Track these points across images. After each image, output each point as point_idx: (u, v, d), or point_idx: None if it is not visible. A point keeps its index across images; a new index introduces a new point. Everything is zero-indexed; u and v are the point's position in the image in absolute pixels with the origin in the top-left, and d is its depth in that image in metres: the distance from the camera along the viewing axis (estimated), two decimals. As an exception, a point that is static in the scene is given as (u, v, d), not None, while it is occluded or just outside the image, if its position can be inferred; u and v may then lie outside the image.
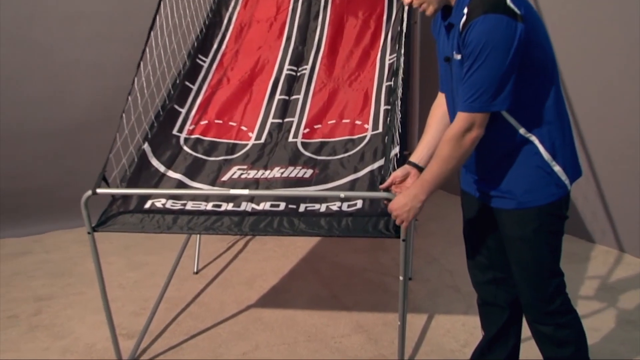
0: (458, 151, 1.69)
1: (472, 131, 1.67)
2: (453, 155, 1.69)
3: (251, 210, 2.24)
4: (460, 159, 1.71)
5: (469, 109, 1.65)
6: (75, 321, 2.98)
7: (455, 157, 1.70)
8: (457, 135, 1.67)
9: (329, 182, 2.40)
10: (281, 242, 3.88)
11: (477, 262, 2.05)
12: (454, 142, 1.68)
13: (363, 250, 3.70)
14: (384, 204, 2.08)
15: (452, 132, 1.69)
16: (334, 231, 2.10)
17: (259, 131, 2.80)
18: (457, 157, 1.70)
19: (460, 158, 1.71)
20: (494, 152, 1.77)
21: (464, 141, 1.68)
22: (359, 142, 2.63)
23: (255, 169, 2.53)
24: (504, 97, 1.62)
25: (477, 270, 2.07)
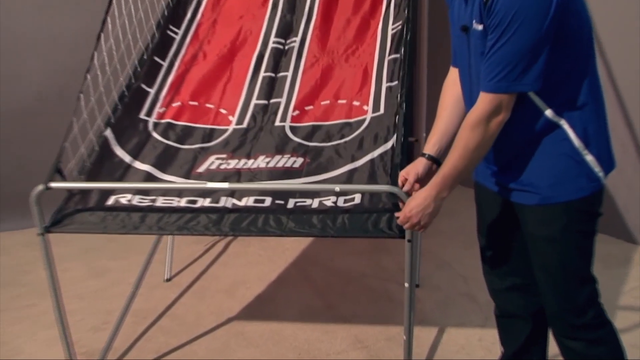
0: (483, 138, 1.68)
1: (499, 115, 1.66)
2: (477, 144, 1.69)
3: (232, 206, 2.24)
4: (486, 147, 1.71)
5: (494, 89, 1.64)
6: (24, 339, 2.97)
7: (480, 146, 1.69)
8: (481, 119, 1.67)
9: (322, 174, 2.39)
10: (267, 244, 3.89)
11: (494, 267, 2.06)
12: (478, 128, 1.67)
13: (362, 253, 3.71)
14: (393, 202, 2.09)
15: (475, 117, 1.69)
16: (328, 231, 2.10)
17: (240, 114, 2.80)
18: (482, 145, 1.70)
19: (485, 146, 1.71)
20: (514, 138, 1.77)
21: (490, 126, 1.67)
22: (357, 126, 2.63)
23: (237, 159, 2.53)
24: (535, 74, 1.61)
25: (495, 276, 2.08)
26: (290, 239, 3.89)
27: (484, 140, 1.69)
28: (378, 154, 2.43)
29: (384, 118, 2.60)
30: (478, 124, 1.68)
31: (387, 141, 2.45)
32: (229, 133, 2.71)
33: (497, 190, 1.91)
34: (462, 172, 1.74)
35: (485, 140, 1.69)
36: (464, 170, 1.74)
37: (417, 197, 1.85)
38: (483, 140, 1.69)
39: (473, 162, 1.73)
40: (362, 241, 3.74)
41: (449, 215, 4.16)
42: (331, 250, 3.75)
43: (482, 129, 1.67)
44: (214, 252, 3.83)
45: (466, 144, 1.70)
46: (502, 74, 1.62)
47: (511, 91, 1.64)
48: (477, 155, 1.72)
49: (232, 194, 2.31)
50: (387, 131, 2.51)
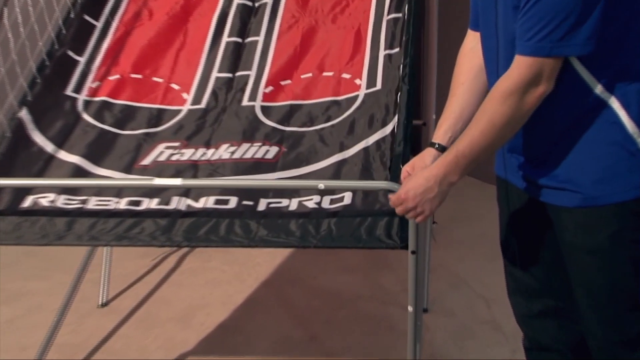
0: (515, 114, 1.66)
1: (538, 85, 1.65)
2: (506, 120, 1.67)
3: (186, 209, 2.24)
4: (516, 126, 1.70)
5: (534, 51, 1.63)
6: None
7: (509, 123, 1.67)
8: (516, 89, 1.65)
9: (303, 167, 2.39)
10: (232, 257, 3.89)
11: (522, 286, 2.07)
12: (510, 99, 1.65)
13: (355, 269, 3.72)
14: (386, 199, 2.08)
15: (507, 85, 1.67)
16: (310, 240, 2.09)
17: (197, 91, 2.80)
18: (513, 123, 1.68)
19: (516, 125, 1.69)
20: (551, 121, 1.76)
21: (525, 100, 1.66)
22: (348, 105, 2.63)
23: (193, 148, 2.52)
24: (588, 33, 1.60)
25: (523, 298, 2.08)
26: (262, 251, 3.88)
27: (515, 117, 1.67)
28: (374, 141, 2.43)
29: (381, 95, 2.60)
30: (510, 95, 1.66)
31: (386, 125, 2.45)
32: (182, 115, 2.71)
33: (526, 188, 1.91)
34: (481, 154, 1.73)
35: (517, 118, 1.68)
36: (483, 151, 1.72)
37: (419, 176, 1.82)
38: (514, 116, 1.67)
39: (496, 143, 1.72)
40: (354, 253, 3.75)
41: (465, 220, 4.19)
42: (315, 266, 3.76)
43: (515, 101, 1.66)
44: (163, 268, 3.83)
45: (491, 118, 1.69)
46: (545, 31, 1.60)
47: (556, 54, 1.62)
48: (503, 136, 1.71)
49: (187, 193, 2.30)
50: (386, 112, 2.51)
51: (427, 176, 1.79)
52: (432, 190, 1.79)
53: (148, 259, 3.89)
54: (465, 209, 4.24)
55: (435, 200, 1.80)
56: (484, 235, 3.91)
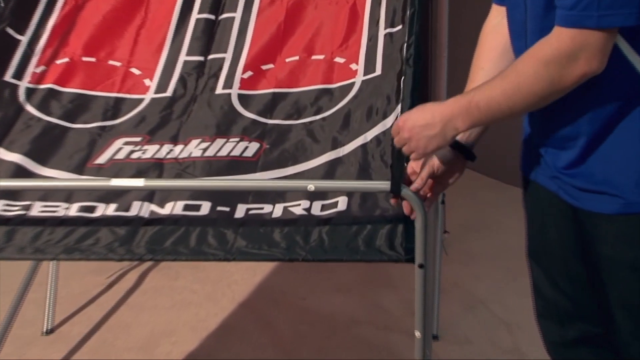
0: (547, 87, 1.66)
1: (580, 63, 1.65)
2: (536, 90, 1.67)
3: (149, 215, 2.24)
4: (543, 101, 1.69)
5: (578, 21, 1.62)
6: None
7: (538, 95, 1.67)
8: (555, 59, 1.64)
9: (289, 166, 2.40)
10: (204, 274, 3.89)
11: (553, 308, 2.07)
12: (548, 69, 1.65)
13: (351, 288, 3.73)
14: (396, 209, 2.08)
15: (545, 53, 1.66)
16: (298, 252, 2.09)
17: (162, 77, 2.81)
18: (541, 96, 1.67)
19: (544, 99, 1.68)
20: (588, 112, 1.77)
21: (564, 76, 1.65)
22: (342, 94, 2.64)
23: (157, 144, 2.53)
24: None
25: (554, 323, 2.09)
26: (240, 267, 3.89)
27: (545, 91, 1.67)
28: (373, 136, 2.43)
29: (382, 82, 2.61)
30: (547, 64, 1.66)
31: (387, 117, 2.45)
32: (144, 105, 2.71)
33: (558, 190, 1.90)
34: (495, 116, 1.75)
35: (547, 93, 1.67)
36: (498, 113, 1.74)
37: (426, 108, 1.85)
38: (544, 90, 1.66)
39: (515, 110, 1.72)
40: (350, 269, 3.75)
41: (483, 228, 4.19)
42: (303, 284, 3.76)
43: (551, 73, 1.65)
44: (121, 287, 3.82)
45: (519, 82, 1.70)
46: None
47: (606, 25, 1.62)
48: (525, 106, 1.72)
49: (151, 197, 2.30)
50: (387, 102, 2.51)
51: (434, 110, 1.82)
52: (434, 127, 1.81)
53: (103, 276, 3.88)
54: (482, 216, 4.25)
55: (433, 140, 1.82)
56: (505, 247, 3.92)
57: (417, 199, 1.98)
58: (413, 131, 1.84)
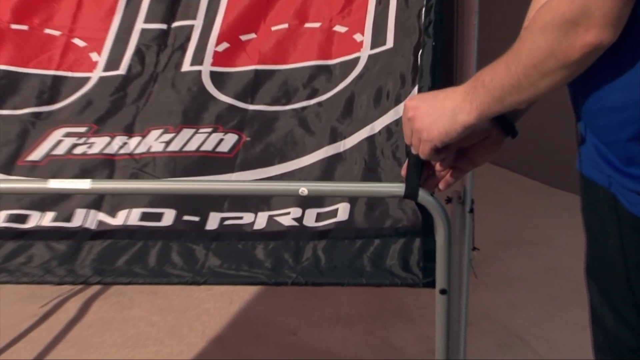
0: (547, 57, 1.69)
1: (584, 29, 1.66)
2: (534, 58, 1.71)
3: (97, 227, 2.24)
4: (548, 73, 1.71)
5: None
6: None
7: (538, 67, 1.70)
8: (552, 24, 1.68)
9: (275, 164, 2.41)
10: (167, 302, 3.90)
11: (613, 342, 2.06)
12: (544, 35, 1.69)
13: (353, 320, 3.74)
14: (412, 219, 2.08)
15: (543, 17, 1.71)
16: (287, 275, 2.09)
17: (114, 50, 2.82)
18: (542, 67, 1.69)
19: (547, 70, 1.70)
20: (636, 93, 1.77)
21: (566, 44, 1.67)
22: (343, 72, 2.66)
23: (107, 135, 2.53)
24: None
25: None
26: (212, 292, 3.90)
27: (545, 61, 1.69)
28: (383, 126, 2.44)
29: (394, 57, 2.62)
30: (543, 29, 1.71)
31: (400, 102, 2.45)
32: (91, 86, 2.72)
33: (615, 192, 1.91)
34: (503, 92, 1.78)
35: (553, 66, 1.69)
36: (504, 89, 1.77)
37: (421, 98, 1.91)
38: (543, 59, 1.70)
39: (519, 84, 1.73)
40: (352, 296, 3.75)
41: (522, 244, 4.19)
42: (294, 315, 3.77)
43: (548, 40, 1.69)
44: (60, 318, 3.82)
45: (517, 49, 1.75)
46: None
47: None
48: (530, 83, 1.73)
49: (99, 204, 2.30)
50: (401, 82, 2.52)
51: (436, 96, 1.88)
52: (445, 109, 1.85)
53: (36, 305, 3.88)
54: (523, 229, 4.26)
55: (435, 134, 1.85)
56: (551, 269, 3.93)
57: (439, 206, 1.98)
58: (417, 110, 1.88)
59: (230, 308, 3.82)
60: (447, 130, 1.84)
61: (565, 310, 3.58)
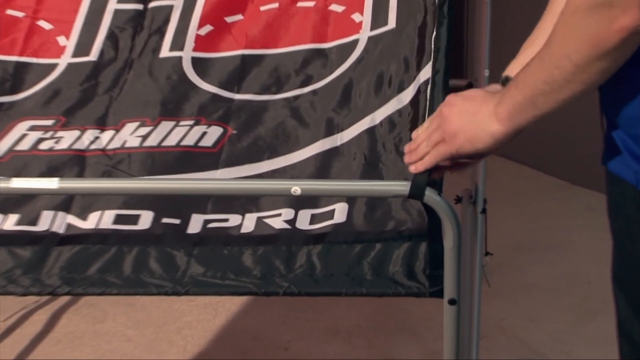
0: (577, 41, 1.69)
1: (613, 10, 1.66)
2: (567, 46, 1.71)
3: (66, 231, 2.24)
4: (589, 67, 1.72)
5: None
6: None
7: (571, 56, 1.69)
8: (580, 6, 1.69)
9: (264, 159, 2.42)
10: (144, 315, 3.91)
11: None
12: (573, 18, 1.70)
13: (352, 333, 3.74)
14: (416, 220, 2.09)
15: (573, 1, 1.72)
16: (278, 284, 2.09)
17: (84, 34, 2.82)
18: (576, 54, 1.69)
19: (587, 63, 1.71)
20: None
21: (603, 28, 1.68)
22: (340, 57, 2.67)
23: (77, 129, 2.54)
24: None
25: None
26: (195, 303, 3.90)
27: (584, 52, 1.70)
28: (384, 116, 2.45)
29: (397, 39, 2.63)
30: (573, 13, 1.70)
31: (404, 89, 2.48)
32: (58, 74, 2.73)
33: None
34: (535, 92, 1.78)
35: (588, 55, 1.70)
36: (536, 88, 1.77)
37: (467, 93, 1.93)
38: (583, 50, 1.70)
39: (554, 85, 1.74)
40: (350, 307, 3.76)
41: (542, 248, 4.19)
42: (286, 328, 3.77)
43: (585, 24, 1.69)
44: (26, 333, 3.82)
45: (550, 39, 1.76)
46: None
47: None
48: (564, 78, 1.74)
49: (68, 206, 2.31)
50: (405, 67, 2.54)
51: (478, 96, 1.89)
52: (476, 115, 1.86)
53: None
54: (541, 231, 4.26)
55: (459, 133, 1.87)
56: (573, 277, 3.93)
57: (447, 207, 1.98)
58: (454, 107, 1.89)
59: (214, 321, 3.83)
60: (472, 140, 1.86)
61: (589, 322, 3.59)
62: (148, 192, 2.29)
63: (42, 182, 2.14)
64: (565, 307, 3.82)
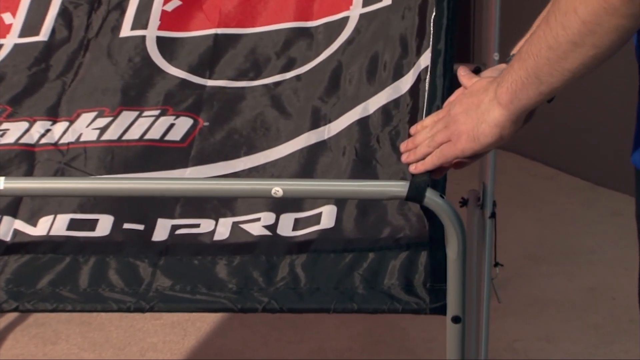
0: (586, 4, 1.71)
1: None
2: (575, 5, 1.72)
3: (12, 238, 2.24)
4: (599, 27, 1.73)
5: None
6: None
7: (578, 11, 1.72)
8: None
9: (241, 156, 2.43)
10: (103, 335, 3.91)
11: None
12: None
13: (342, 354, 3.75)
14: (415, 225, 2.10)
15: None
16: (257, 298, 2.09)
17: (32, 10, 2.83)
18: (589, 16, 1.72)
19: (597, 23, 1.73)
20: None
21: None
22: (328, 37, 2.68)
23: (24, 120, 2.55)
24: None
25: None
26: (161, 321, 3.92)
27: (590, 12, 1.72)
28: (379, 106, 2.45)
29: (392, 17, 2.64)
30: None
31: (403, 75, 2.48)
32: (4, 56, 2.74)
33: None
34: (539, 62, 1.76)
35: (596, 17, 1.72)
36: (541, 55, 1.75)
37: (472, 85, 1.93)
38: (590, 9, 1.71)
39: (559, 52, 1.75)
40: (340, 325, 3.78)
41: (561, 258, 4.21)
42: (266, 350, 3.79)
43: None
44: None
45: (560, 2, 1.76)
46: None
47: None
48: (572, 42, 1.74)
49: (14, 209, 2.31)
50: (403, 50, 2.54)
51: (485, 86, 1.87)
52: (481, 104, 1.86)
53: None
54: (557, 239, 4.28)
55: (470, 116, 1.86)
56: (594, 291, 3.94)
57: (451, 211, 1.99)
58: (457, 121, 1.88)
59: (184, 342, 3.83)
60: (475, 137, 1.86)
61: (613, 344, 3.60)
62: (107, 193, 2.25)
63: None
64: (586, 326, 3.82)
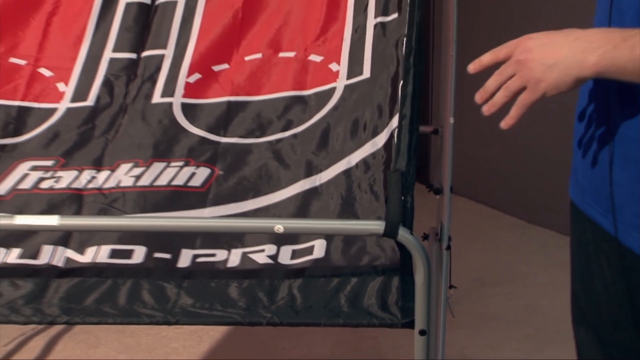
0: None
1: None
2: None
3: (65, 264, 2.22)
4: None
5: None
6: None
7: None
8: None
9: (249, 198, 2.41)
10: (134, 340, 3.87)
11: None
12: None
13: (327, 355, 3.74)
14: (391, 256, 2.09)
15: None
16: (261, 314, 2.08)
17: (81, 80, 2.81)
18: None
19: None
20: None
21: None
22: (319, 103, 2.67)
23: (75, 169, 2.53)
24: None
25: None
26: (181, 331, 3.88)
27: None
28: (360, 159, 2.44)
29: (371, 88, 2.62)
30: None
31: (378, 134, 2.47)
32: (58, 118, 2.71)
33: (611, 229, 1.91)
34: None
35: None
36: None
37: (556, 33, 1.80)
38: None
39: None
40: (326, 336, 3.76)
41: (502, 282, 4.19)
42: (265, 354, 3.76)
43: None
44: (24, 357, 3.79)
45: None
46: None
47: None
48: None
49: (66, 241, 2.28)
50: (378, 114, 2.53)
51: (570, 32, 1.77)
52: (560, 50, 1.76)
53: None
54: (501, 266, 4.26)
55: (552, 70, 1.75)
56: (530, 308, 3.93)
57: (419, 245, 1.97)
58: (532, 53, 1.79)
59: (199, 347, 3.81)
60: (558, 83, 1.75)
61: (544, 351, 3.58)
62: (141, 229, 2.28)
63: (43, 219, 2.13)
64: (522, 336, 3.82)
